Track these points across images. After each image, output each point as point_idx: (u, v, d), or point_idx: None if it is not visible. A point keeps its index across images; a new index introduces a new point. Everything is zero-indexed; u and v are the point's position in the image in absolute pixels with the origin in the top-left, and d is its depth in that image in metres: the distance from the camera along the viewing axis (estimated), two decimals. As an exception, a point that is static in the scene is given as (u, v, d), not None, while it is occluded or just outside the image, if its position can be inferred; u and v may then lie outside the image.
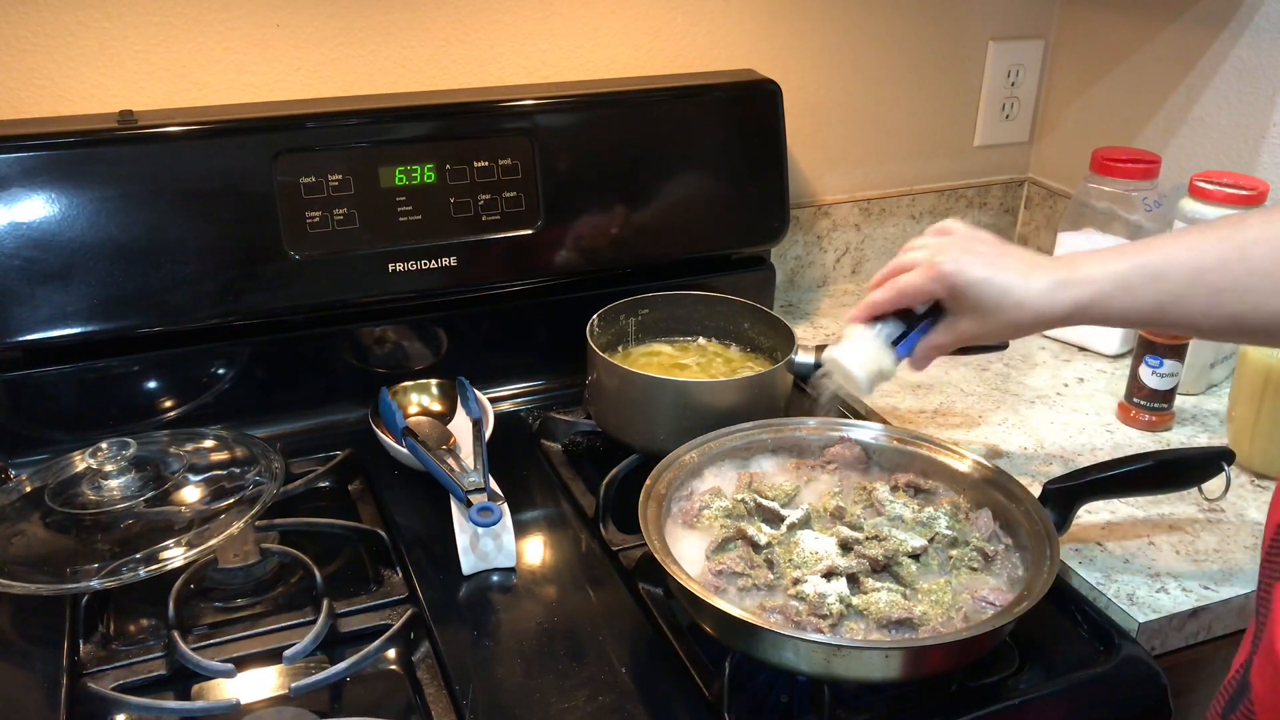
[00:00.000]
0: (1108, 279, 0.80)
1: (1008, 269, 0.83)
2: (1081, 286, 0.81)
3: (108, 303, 1.03)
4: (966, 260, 0.84)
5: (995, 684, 0.84)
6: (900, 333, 0.89)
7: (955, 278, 0.84)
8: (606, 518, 1.02)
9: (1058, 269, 0.83)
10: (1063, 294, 0.81)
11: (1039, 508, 0.89)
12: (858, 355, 0.88)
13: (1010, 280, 0.83)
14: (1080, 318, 0.82)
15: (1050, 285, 0.82)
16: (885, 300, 0.88)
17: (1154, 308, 0.80)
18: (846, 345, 0.89)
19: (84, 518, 0.89)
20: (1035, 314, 0.83)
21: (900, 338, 0.89)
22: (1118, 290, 0.80)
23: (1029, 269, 0.83)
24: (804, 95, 1.41)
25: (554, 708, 0.81)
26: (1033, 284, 0.82)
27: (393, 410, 1.09)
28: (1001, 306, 0.83)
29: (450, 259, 1.15)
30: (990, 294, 0.83)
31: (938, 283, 0.85)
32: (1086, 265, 0.82)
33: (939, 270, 0.84)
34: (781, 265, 1.46)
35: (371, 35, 1.19)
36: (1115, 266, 0.81)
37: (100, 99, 1.11)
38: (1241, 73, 1.28)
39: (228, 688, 0.83)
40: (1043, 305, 0.82)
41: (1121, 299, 0.80)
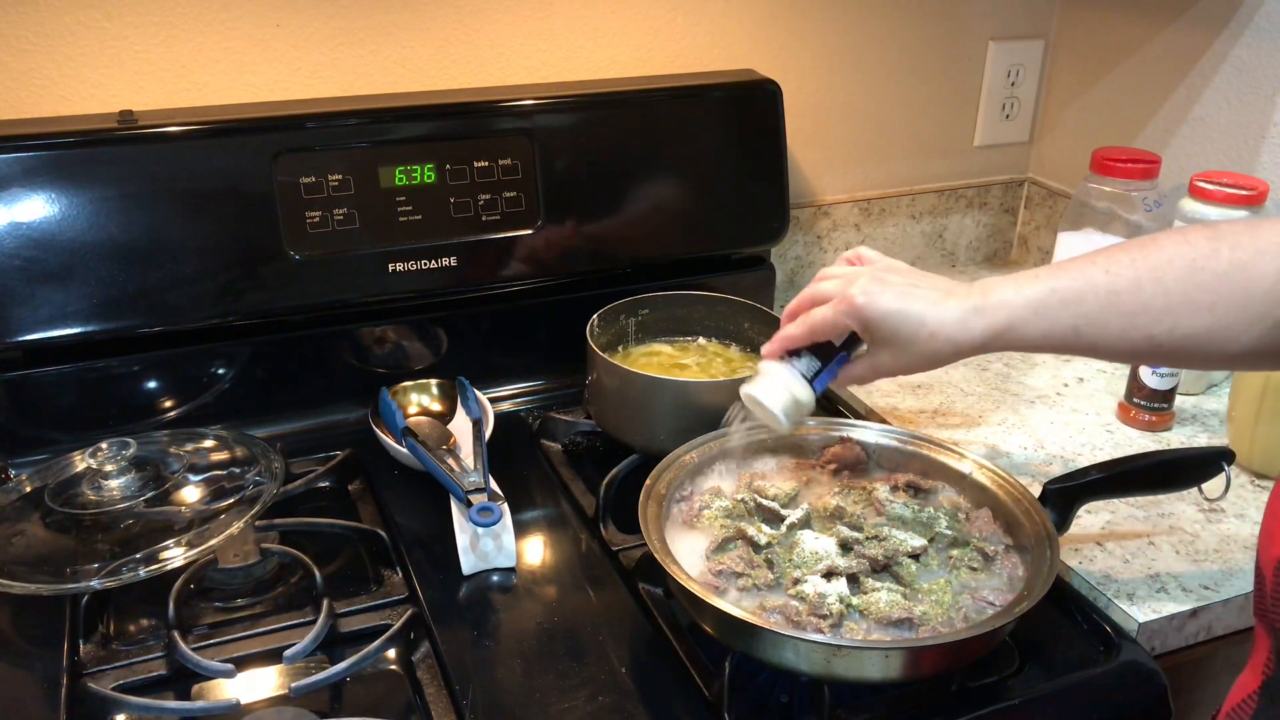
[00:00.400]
0: (1021, 304, 0.79)
1: (920, 299, 0.81)
2: (995, 312, 0.79)
3: (108, 303, 1.03)
4: (877, 291, 0.81)
5: (995, 684, 0.84)
6: (817, 368, 0.87)
7: (866, 310, 0.81)
8: (606, 518, 1.02)
9: (971, 295, 0.81)
10: (976, 321, 0.80)
11: (1039, 508, 0.89)
12: (775, 393, 0.86)
13: (923, 310, 0.80)
14: (996, 344, 0.81)
15: (963, 313, 0.80)
16: (798, 335, 0.85)
17: (1070, 331, 0.78)
18: (762, 382, 0.87)
19: (84, 518, 0.89)
20: (951, 344, 0.81)
21: (817, 373, 0.87)
22: (1032, 315, 0.79)
23: (942, 297, 0.81)
24: (804, 95, 1.41)
25: (554, 708, 0.81)
26: (945, 313, 0.80)
27: (393, 410, 1.09)
28: (916, 338, 0.81)
29: (450, 259, 1.15)
30: (904, 326, 0.81)
31: (850, 316, 0.82)
32: (1000, 290, 0.80)
33: (851, 303, 0.81)
34: (781, 265, 1.46)
35: (371, 35, 1.19)
36: (1029, 291, 0.79)
37: (100, 99, 1.11)
38: (1241, 73, 1.28)
39: (228, 688, 0.83)
40: (957, 334, 0.80)
41: (1037, 324, 0.79)
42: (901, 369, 0.85)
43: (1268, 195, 1.17)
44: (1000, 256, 1.65)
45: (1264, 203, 1.16)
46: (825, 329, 0.84)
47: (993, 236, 1.63)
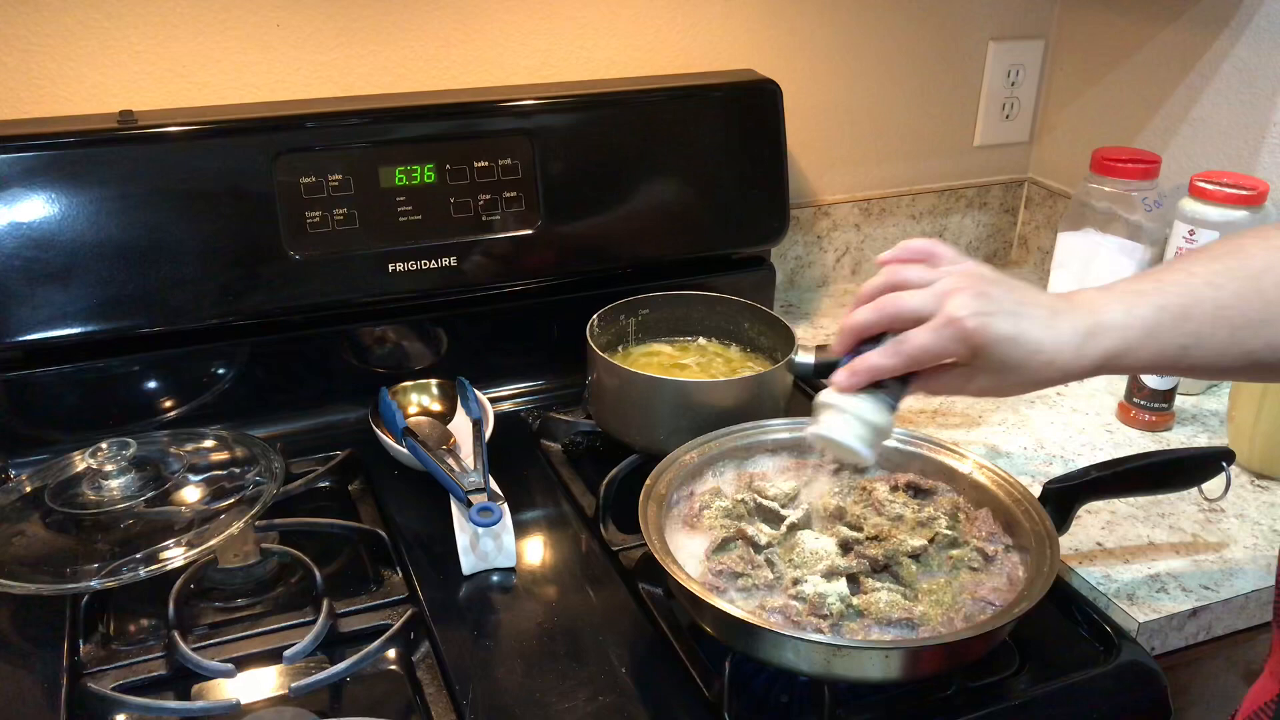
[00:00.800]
0: (1136, 325, 0.72)
1: (1033, 322, 0.72)
2: (1108, 336, 0.72)
3: (108, 303, 1.03)
4: (989, 314, 0.71)
5: (995, 684, 0.84)
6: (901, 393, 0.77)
7: (980, 336, 0.71)
8: (606, 518, 1.02)
9: (1079, 315, 0.73)
10: (1091, 347, 0.72)
11: (1039, 508, 0.89)
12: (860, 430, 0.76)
13: (1040, 336, 0.72)
14: (1106, 369, 0.74)
15: (1078, 339, 0.72)
16: (894, 367, 0.74)
17: (1179, 351, 0.73)
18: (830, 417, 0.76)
19: (84, 518, 0.89)
20: (1062, 372, 0.73)
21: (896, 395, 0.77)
22: (1146, 338, 0.72)
23: (1051, 318, 0.73)
24: (804, 95, 1.41)
25: (554, 708, 0.81)
26: (1061, 339, 0.72)
27: (393, 410, 1.09)
28: (1028, 365, 0.72)
29: (450, 259, 1.15)
30: (1017, 353, 0.72)
31: (959, 343, 0.72)
32: (1108, 310, 0.73)
33: (961, 329, 0.71)
34: (781, 265, 1.46)
35: (371, 35, 1.19)
36: (1140, 312, 0.72)
37: (100, 99, 1.11)
38: (1241, 73, 1.28)
39: (228, 688, 0.83)
40: (1071, 363, 0.73)
41: (1150, 346, 0.72)
42: (996, 392, 0.77)
43: (1268, 195, 1.17)
44: (1000, 257, 1.65)
45: (1264, 203, 1.16)
46: (927, 358, 0.73)
47: (993, 236, 1.63)
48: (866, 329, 0.76)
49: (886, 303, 0.75)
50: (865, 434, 0.76)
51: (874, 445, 0.76)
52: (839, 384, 0.76)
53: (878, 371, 0.75)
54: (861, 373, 0.75)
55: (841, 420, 0.76)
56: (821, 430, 0.76)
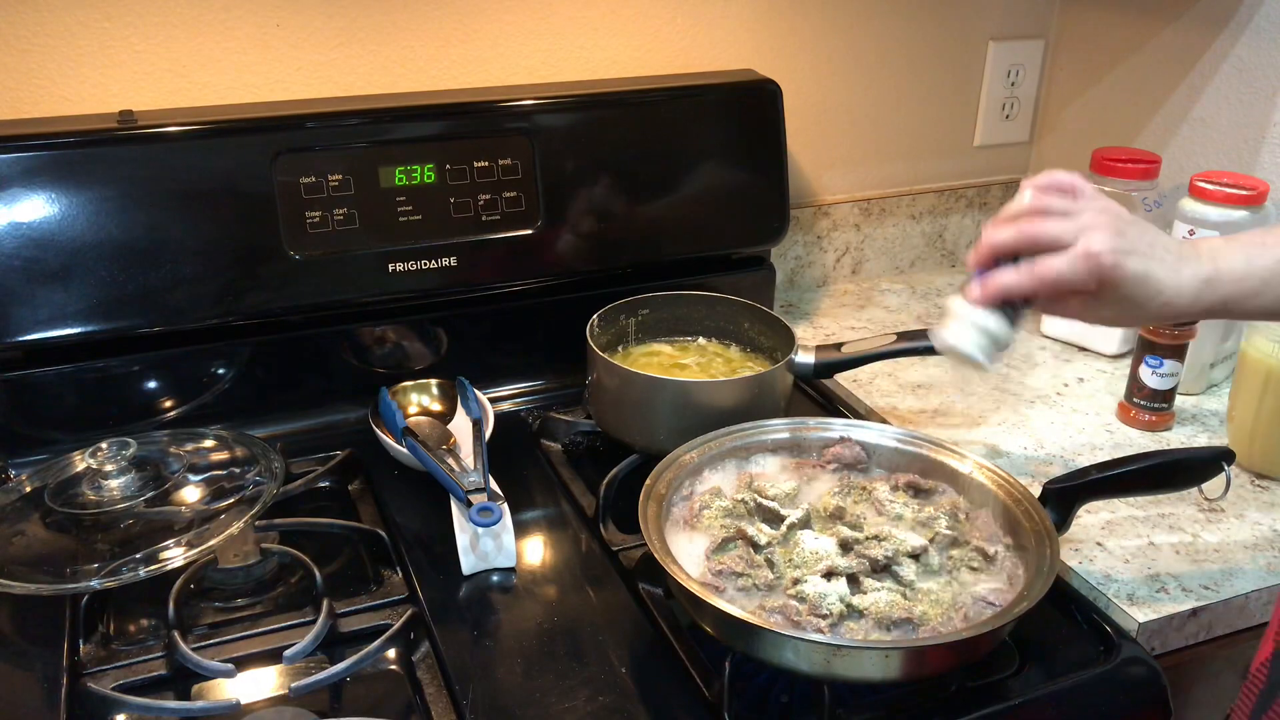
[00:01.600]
0: (1254, 276, 0.77)
1: (1161, 263, 0.77)
2: (1226, 284, 0.77)
3: (108, 303, 1.03)
4: (1125, 252, 0.76)
5: (995, 684, 0.84)
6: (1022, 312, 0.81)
7: (1113, 272, 0.75)
8: (606, 518, 1.02)
9: (1203, 262, 0.78)
10: (1209, 294, 0.78)
11: (1039, 508, 0.89)
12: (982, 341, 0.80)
13: (1163, 278, 0.77)
14: (1219, 313, 0.80)
15: (1198, 285, 0.77)
16: (1025, 288, 0.78)
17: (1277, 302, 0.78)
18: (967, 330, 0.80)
19: (84, 518, 0.89)
20: (1177, 312, 0.79)
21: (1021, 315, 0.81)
22: (1263, 286, 0.77)
23: (1177, 263, 0.78)
24: (804, 95, 1.41)
25: (554, 708, 0.81)
26: (1183, 283, 0.77)
27: (393, 410, 1.09)
28: (1149, 303, 0.77)
29: (450, 259, 1.15)
30: (1142, 292, 0.77)
31: (1092, 275, 0.76)
32: (1230, 259, 0.78)
33: (1098, 263, 0.75)
34: (781, 265, 1.46)
35: (371, 35, 1.19)
36: (1262, 261, 0.77)
37: (100, 99, 1.11)
38: (1241, 73, 1.28)
39: (228, 688, 0.83)
40: (1188, 305, 0.78)
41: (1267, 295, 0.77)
42: (1114, 323, 0.83)
43: (1268, 195, 1.17)
44: (1000, 256, 1.64)
45: (1264, 203, 1.16)
46: (1060, 284, 0.77)
47: (993, 236, 1.63)
48: (1005, 248, 0.79)
49: (1028, 226, 0.78)
50: (987, 345, 0.80)
51: (994, 356, 0.80)
52: (971, 295, 0.80)
53: (1011, 289, 0.78)
54: (993, 288, 0.78)
55: (967, 330, 0.80)
56: (948, 338, 0.80)
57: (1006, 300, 0.79)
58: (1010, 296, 0.79)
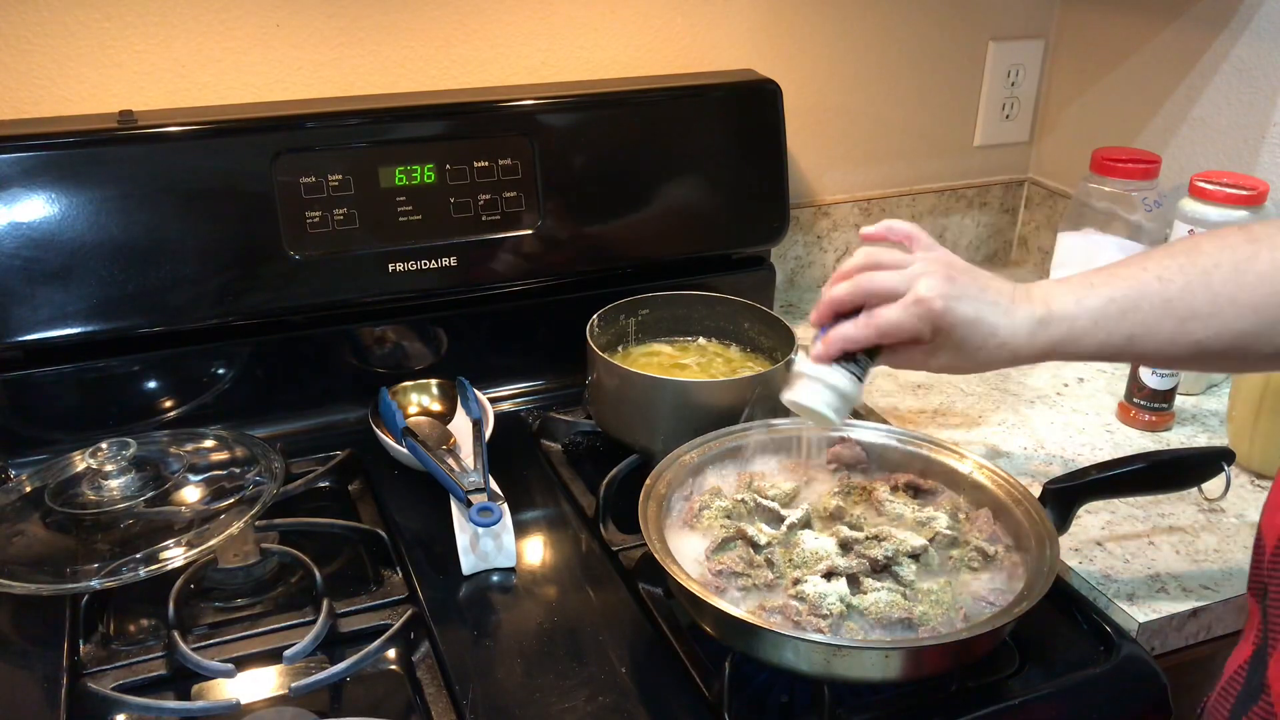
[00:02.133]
0: (1084, 315, 0.79)
1: (992, 308, 0.80)
2: (1059, 325, 0.80)
3: (108, 303, 1.03)
4: (955, 296, 0.79)
5: (995, 684, 0.84)
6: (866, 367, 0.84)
7: (944, 318, 0.79)
8: (606, 518, 1.02)
9: (1034, 304, 0.81)
10: (1042, 333, 0.80)
11: (1039, 508, 0.89)
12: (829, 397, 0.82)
13: (996, 321, 0.80)
14: (1055, 355, 0.82)
15: (1031, 326, 0.80)
16: (863, 339, 0.81)
17: (1124, 340, 0.79)
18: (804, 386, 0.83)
19: (84, 518, 0.89)
20: (1014, 354, 0.81)
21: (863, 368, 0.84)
22: (1092, 326, 0.79)
23: (1010, 306, 0.81)
24: (804, 95, 1.41)
25: (554, 708, 0.81)
26: (1017, 325, 0.80)
27: (393, 410, 1.09)
28: (984, 346, 0.81)
29: (450, 259, 1.15)
30: (976, 335, 0.80)
31: (924, 321, 0.80)
32: (1060, 300, 0.80)
33: (929, 308, 0.79)
34: (781, 265, 1.46)
35: (371, 35, 1.19)
36: (1089, 302, 0.79)
37: (100, 99, 1.11)
38: (1241, 73, 1.28)
39: (228, 688, 0.83)
40: (1023, 346, 0.81)
41: (1095, 334, 0.79)
42: (951, 370, 0.84)
43: (1268, 195, 1.17)
44: (1000, 257, 1.65)
45: (1264, 203, 1.16)
46: (895, 333, 0.80)
47: (993, 237, 1.63)
48: (842, 304, 0.83)
49: (863, 280, 0.82)
50: (834, 401, 0.82)
51: (842, 412, 0.83)
52: (814, 354, 0.83)
53: (849, 342, 0.82)
54: (834, 342, 0.82)
55: (813, 387, 0.83)
56: (794, 396, 0.83)
57: (848, 354, 0.82)
58: (850, 348, 0.82)
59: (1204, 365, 0.88)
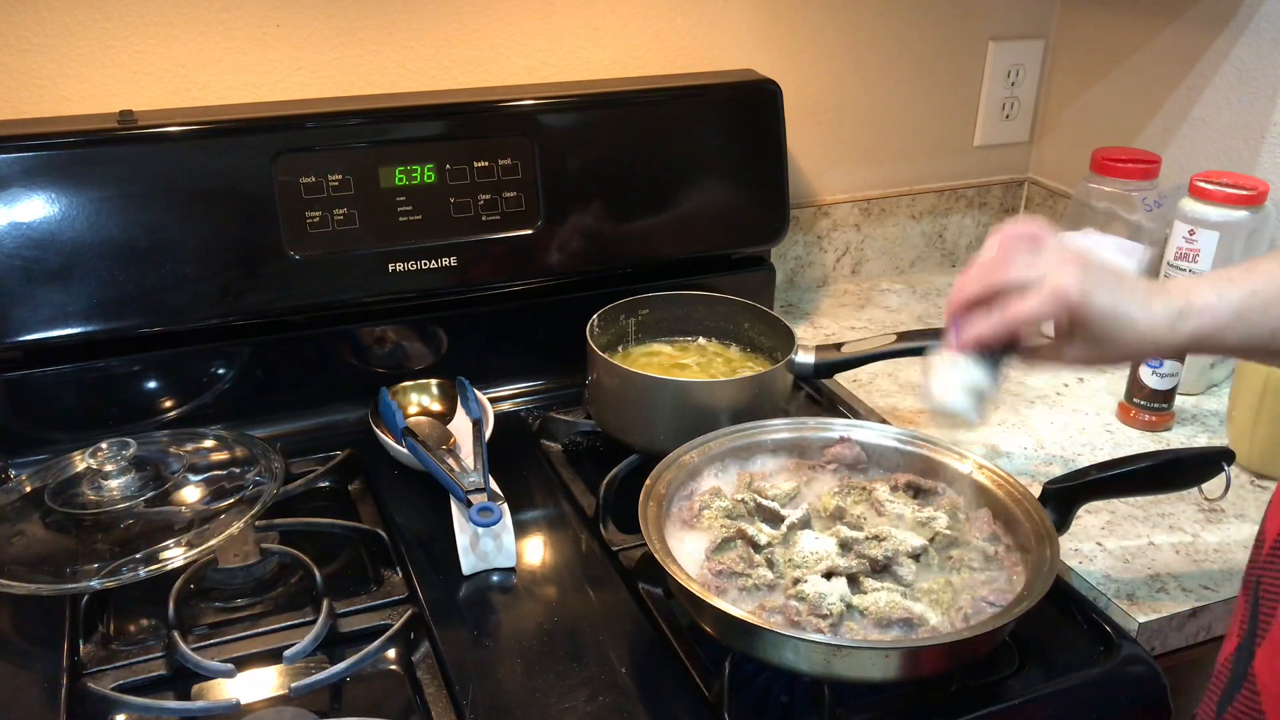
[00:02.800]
0: (1226, 309, 0.77)
1: (1131, 298, 0.78)
2: (1200, 317, 0.77)
3: (108, 303, 1.03)
4: (1093, 286, 0.77)
5: (995, 684, 0.84)
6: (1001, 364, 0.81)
7: (1082, 308, 0.76)
8: (606, 518, 1.02)
9: (1174, 298, 0.78)
10: (1182, 326, 0.77)
11: (1039, 508, 0.89)
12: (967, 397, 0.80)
13: (1134, 311, 0.77)
14: (1197, 348, 0.79)
15: (1170, 317, 0.77)
16: (997, 332, 0.79)
17: (1268, 334, 0.77)
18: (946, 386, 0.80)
19: (84, 518, 0.89)
20: (1153, 344, 0.79)
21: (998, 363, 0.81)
22: (1236, 320, 0.77)
23: (1147, 297, 0.78)
24: (804, 95, 1.41)
25: (554, 708, 0.81)
26: (1156, 316, 0.77)
27: (393, 410, 1.09)
28: (1122, 337, 0.78)
29: (450, 259, 1.15)
30: (1114, 326, 0.77)
31: (1062, 310, 0.77)
32: (1200, 293, 0.78)
33: (1066, 298, 0.76)
34: (781, 265, 1.46)
35: (371, 35, 1.19)
36: (1231, 295, 0.77)
37: (100, 99, 1.11)
38: (1241, 73, 1.28)
39: (228, 688, 0.83)
40: (1162, 336, 0.78)
41: (1239, 328, 0.77)
42: (1090, 362, 0.82)
43: (1268, 195, 1.17)
44: (1000, 256, 1.64)
45: (1264, 203, 1.16)
46: (1029, 324, 0.79)
47: (993, 236, 1.63)
48: (976, 298, 0.80)
49: (995, 274, 0.79)
50: (974, 399, 0.80)
51: (979, 409, 0.80)
52: (949, 349, 0.81)
53: (985, 336, 0.79)
54: (970, 337, 0.80)
55: (953, 387, 0.80)
56: (936, 396, 0.80)
57: (983, 349, 0.80)
58: (985, 343, 0.79)
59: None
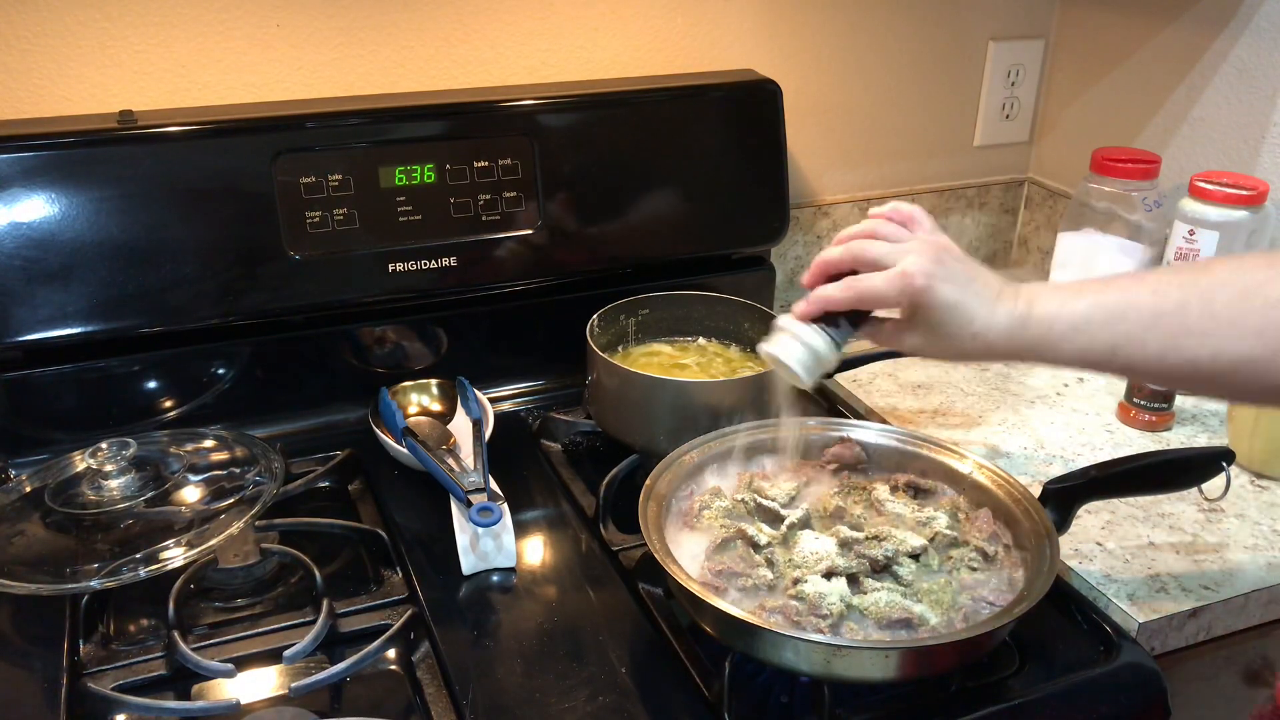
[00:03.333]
0: (1065, 319, 0.77)
1: (977, 296, 0.78)
2: (1037, 326, 0.78)
3: (108, 303, 1.03)
4: (941, 277, 0.78)
5: (995, 684, 0.84)
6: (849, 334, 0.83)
7: (925, 295, 0.78)
8: (606, 518, 1.02)
9: (1018, 303, 0.78)
10: (1020, 333, 0.78)
11: (1039, 508, 0.89)
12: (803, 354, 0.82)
13: (976, 310, 0.78)
14: (1032, 356, 0.79)
15: (1010, 322, 0.78)
16: (842, 300, 0.81)
17: (1107, 350, 0.77)
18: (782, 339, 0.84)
19: (84, 518, 0.89)
20: (988, 348, 0.79)
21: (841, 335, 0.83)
22: (1072, 331, 0.77)
23: (994, 299, 0.79)
24: (804, 95, 1.41)
25: (554, 708, 0.81)
26: (996, 319, 0.78)
27: (393, 410, 1.09)
28: (960, 334, 0.79)
29: (450, 259, 1.15)
30: (954, 320, 0.78)
31: (905, 295, 0.78)
32: (1044, 302, 0.78)
33: (911, 283, 0.78)
34: (781, 265, 1.46)
35: (371, 35, 1.19)
36: (1075, 306, 0.77)
37: (100, 99, 1.11)
38: (1241, 73, 1.28)
39: (228, 688, 0.83)
40: (998, 342, 0.78)
41: (1076, 340, 0.77)
42: (924, 352, 0.83)
43: (1268, 195, 1.17)
44: (1000, 256, 1.65)
45: (1264, 203, 1.16)
46: (872, 300, 0.80)
47: (993, 236, 1.63)
48: (833, 266, 0.84)
49: (855, 246, 0.83)
50: (807, 359, 0.83)
51: (813, 371, 0.83)
52: (796, 311, 0.84)
53: (829, 302, 0.82)
54: (815, 301, 0.83)
55: (789, 343, 0.83)
56: (769, 349, 0.84)
57: (828, 315, 0.82)
58: (830, 308, 0.82)
59: (1198, 388, 0.85)
